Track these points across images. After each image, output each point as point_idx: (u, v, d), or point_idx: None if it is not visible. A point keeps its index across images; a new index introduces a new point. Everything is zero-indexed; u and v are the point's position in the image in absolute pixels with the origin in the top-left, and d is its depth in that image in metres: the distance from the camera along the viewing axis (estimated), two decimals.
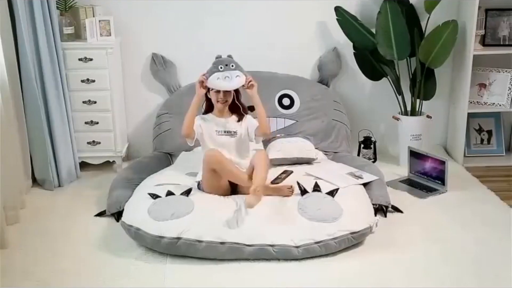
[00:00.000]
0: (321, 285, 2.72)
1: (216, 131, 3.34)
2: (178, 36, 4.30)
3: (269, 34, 4.33)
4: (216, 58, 3.29)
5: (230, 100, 3.32)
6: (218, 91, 3.27)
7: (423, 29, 4.12)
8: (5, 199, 3.27)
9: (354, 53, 4.31)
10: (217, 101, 3.30)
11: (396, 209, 3.45)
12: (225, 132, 3.33)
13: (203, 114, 3.39)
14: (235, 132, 3.34)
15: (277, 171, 3.52)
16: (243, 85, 3.28)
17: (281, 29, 4.33)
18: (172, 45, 4.31)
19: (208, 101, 3.38)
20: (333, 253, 2.95)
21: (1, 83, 3.27)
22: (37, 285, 2.75)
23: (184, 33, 4.30)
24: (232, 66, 3.25)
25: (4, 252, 3.04)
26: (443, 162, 3.75)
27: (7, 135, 3.35)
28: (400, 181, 3.93)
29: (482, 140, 4.48)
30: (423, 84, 4.14)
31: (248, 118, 3.39)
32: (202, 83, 3.24)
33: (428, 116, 4.23)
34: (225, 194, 3.24)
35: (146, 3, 4.21)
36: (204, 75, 3.24)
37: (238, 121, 3.37)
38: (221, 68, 3.23)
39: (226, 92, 3.28)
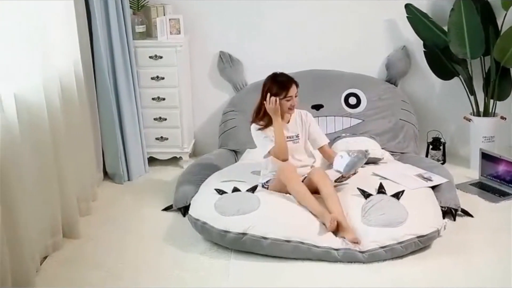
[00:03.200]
0: None
1: None
2: (245, 34, 4.33)
3: (337, 32, 4.29)
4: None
5: (296, 105, 3.23)
6: (289, 100, 3.15)
7: (499, 27, 3.96)
8: (79, 191, 3.40)
9: (424, 52, 4.20)
10: (288, 109, 3.19)
11: (466, 213, 3.34)
12: (288, 138, 3.24)
13: (260, 127, 3.25)
14: (297, 136, 3.28)
15: None
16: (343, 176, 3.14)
17: (348, 27, 4.28)
18: (239, 43, 4.34)
19: (263, 111, 3.23)
20: (400, 256, 2.89)
21: (77, 80, 3.40)
22: (106, 275, 2.85)
23: (251, 32, 4.32)
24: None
25: (76, 242, 3.17)
26: None
27: (82, 130, 3.49)
28: (471, 184, 3.80)
29: None
30: (498, 84, 3.98)
31: (308, 117, 3.34)
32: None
33: (502, 118, 4.06)
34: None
35: (215, 2, 4.26)
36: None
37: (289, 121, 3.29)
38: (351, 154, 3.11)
39: (295, 98, 3.18)
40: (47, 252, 3.01)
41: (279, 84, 3.17)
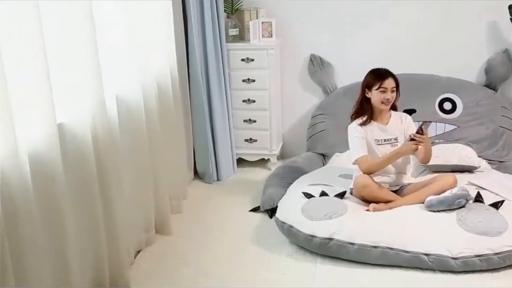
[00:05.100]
0: None
1: (375, 140, 3.16)
2: (337, 37, 4.29)
3: (432, 35, 4.15)
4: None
5: (392, 101, 3.13)
6: (383, 91, 3.09)
7: None
8: (171, 189, 3.51)
9: None
10: (382, 102, 3.10)
11: None
12: (385, 140, 3.16)
13: (362, 123, 3.17)
14: (395, 139, 3.17)
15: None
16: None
17: (445, 29, 4.12)
18: (330, 46, 4.31)
19: (361, 106, 3.19)
20: (496, 269, 2.75)
21: (172, 82, 3.51)
22: (194, 272, 2.92)
23: (342, 35, 4.28)
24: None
25: (168, 239, 3.28)
26: None
27: (175, 130, 3.60)
28: None
29: None
30: None
31: (408, 120, 3.23)
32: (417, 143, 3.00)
33: None
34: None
35: (306, 5, 4.26)
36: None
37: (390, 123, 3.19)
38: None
39: (392, 93, 3.09)
40: (140, 247, 3.14)
41: (375, 74, 3.13)
